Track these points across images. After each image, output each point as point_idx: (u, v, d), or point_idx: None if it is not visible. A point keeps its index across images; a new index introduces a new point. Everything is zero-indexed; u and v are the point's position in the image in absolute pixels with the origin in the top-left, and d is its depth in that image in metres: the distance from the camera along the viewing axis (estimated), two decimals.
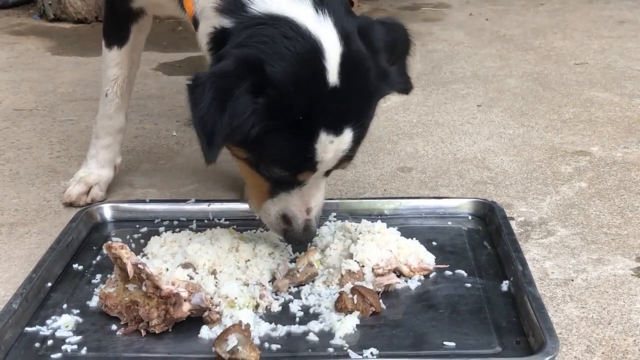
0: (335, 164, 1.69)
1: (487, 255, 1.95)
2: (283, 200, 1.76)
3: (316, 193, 1.77)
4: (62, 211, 2.32)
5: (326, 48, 1.55)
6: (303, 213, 1.77)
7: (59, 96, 3.43)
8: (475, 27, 4.65)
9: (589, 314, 1.76)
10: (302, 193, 1.74)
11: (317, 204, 1.79)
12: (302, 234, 1.79)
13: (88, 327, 1.68)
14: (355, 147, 1.69)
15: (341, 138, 1.61)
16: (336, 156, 1.65)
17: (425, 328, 1.65)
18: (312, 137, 1.59)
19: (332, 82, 1.56)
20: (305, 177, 1.70)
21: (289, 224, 1.79)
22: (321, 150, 1.61)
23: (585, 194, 2.39)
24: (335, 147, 1.63)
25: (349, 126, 1.61)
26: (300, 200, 1.76)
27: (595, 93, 3.36)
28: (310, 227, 1.79)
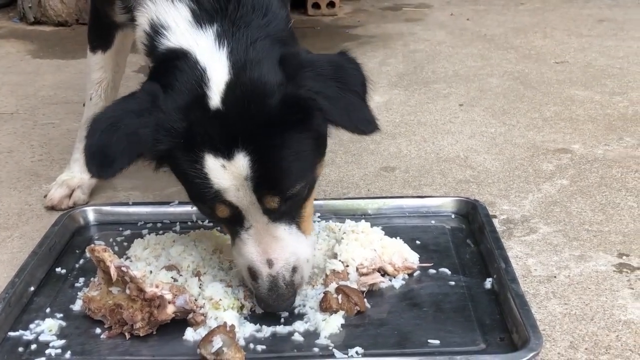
0: (255, 197, 1.59)
1: (471, 253, 1.96)
2: (240, 247, 1.68)
3: (272, 242, 1.65)
4: (44, 215, 2.31)
5: (211, 77, 1.57)
6: (263, 265, 1.65)
7: (40, 99, 3.41)
8: (456, 27, 4.67)
9: (572, 310, 1.77)
10: (254, 240, 1.65)
11: (282, 258, 1.65)
12: (267, 294, 1.65)
13: (72, 330, 1.67)
14: (270, 177, 1.58)
15: (234, 163, 1.55)
16: (242, 185, 1.57)
17: (409, 326, 1.66)
18: (198, 161, 1.56)
19: (213, 107, 1.56)
20: (223, 212, 1.62)
21: (254, 280, 1.67)
22: (214, 175, 1.56)
23: (567, 191, 2.40)
24: (232, 173, 1.55)
25: (241, 150, 1.55)
26: (255, 248, 1.65)
27: (576, 91, 3.39)
28: (277, 288, 1.65)
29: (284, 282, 1.65)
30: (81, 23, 4.79)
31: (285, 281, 1.65)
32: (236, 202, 1.60)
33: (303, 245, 1.70)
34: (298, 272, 1.68)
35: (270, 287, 1.65)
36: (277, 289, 1.65)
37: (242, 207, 1.61)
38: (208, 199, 1.61)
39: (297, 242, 1.68)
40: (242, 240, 1.66)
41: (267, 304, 1.67)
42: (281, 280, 1.65)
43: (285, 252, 1.66)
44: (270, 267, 1.65)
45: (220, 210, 1.62)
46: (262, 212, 1.62)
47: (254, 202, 1.60)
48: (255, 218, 1.63)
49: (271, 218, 1.64)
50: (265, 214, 1.63)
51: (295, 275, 1.67)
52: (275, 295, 1.66)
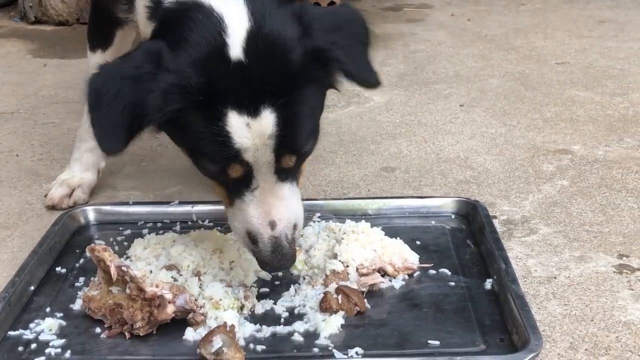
0: (273, 157, 1.55)
1: (471, 254, 1.96)
2: (240, 211, 1.64)
3: (276, 203, 1.61)
4: (44, 214, 2.30)
5: (229, 25, 1.49)
6: (266, 228, 1.62)
7: (41, 99, 3.41)
8: (457, 28, 4.67)
9: (572, 311, 1.77)
10: (258, 201, 1.61)
11: (284, 219, 1.62)
12: (270, 257, 1.62)
13: (72, 330, 1.67)
14: (291, 136, 1.54)
15: (259, 120, 1.49)
16: (265, 144, 1.52)
17: (409, 327, 1.66)
18: (221, 118, 1.49)
19: (235, 58, 1.48)
20: (236, 172, 1.56)
21: (255, 244, 1.64)
22: (238, 134, 1.50)
23: (567, 192, 2.40)
24: (256, 132, 1.50)
25: (267, 106, 1.49)
26: (257, 211, 1.61)
27: (577, 92, 3.39)
28: (281, 248, 1.62)
29: (287, 241, 1.62)
30: (82, 22, 4.79)
31: (287, 240, 1.63)
32: (252, 162, 1.55)
33: (300, 201, 1.69)
34: (297, 228, 1.66)
35: (273, 248, 1.62)
36: (281, 249, 1.62)
37: (255, 167, 1.56)
38: (223, 159, 1.54)
39: (296, 200, 1.67)
40: (244, 202, 1.61)
41: (272, 265, 1.64)
42: (284, 240, 1.62)
43: (288, 212, 1.63)
44: (273, 229, 1.62)
45: (234, 171, 1.56)
46: (274, 172, 1.58)
47: (270, 162, 1.55)
48: (265, 178, 1.58)
49: (280, 177, 1.60)
50: (275, 174, 1.59)
51: (295, 232, 1.65)
52: (279, 256, 1.62)
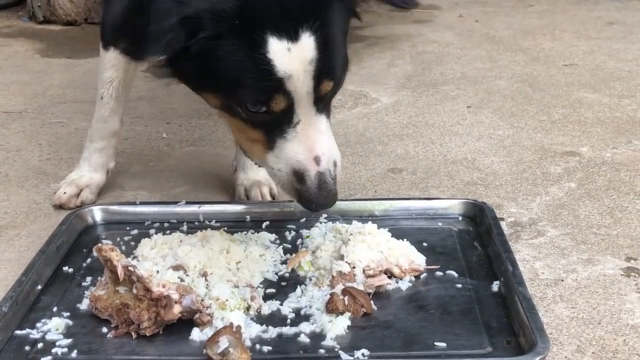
0: (313, 84, 1.51)
1: (478, 256, 1.95)
2: (283, 150, 1.59)
3: (319, 137, 1.58)
4: (52, 214, 2.31)
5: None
6: (311, 163, 1.59)
7: (49, 98, 3.42)
8: (464, 29, 4.66)
9: (579, 314, 1.77)
10: (300, 136, 1.58)
11: (327, 153, 1.60)
12: (317, 193, 1.60)
13: (78, 329, 1.67)
14: (330, 60, 1.50)
15: (300, 44, 1.45)
16: (306, 71, 1.48)
17: (416, 329, 1.65)
18: (261, 44, 1.43)
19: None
20: (279, 104, 1.52)
21: (301, 182, 1.61)
22: (280, 61, 1.45)
23: (575, 194, 2.40)
24: (298, 57, 1.46)
25: (305, 29, 1.45)
26: (300, 146, 1.59)
27: (584, 94, 3.38)
28: (326, 184, 1.59)
29: (332, 178, 1.61)
30: (90, 22, 4.81)
31: (332, 176, 1.62)
32: (294, 92, 1.50)
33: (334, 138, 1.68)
34: (337, 165, 1.64)
35: (320, 185, 1.60)
36: (327, 186, 1.60)
37: (297, 98, 1.52)
38: (265, 90, 1.49)
39: (332, 137, 1.66)
40: (287, 140, 1.58)
41: (319, 203, 1.62)
42: (329, 176, 1.61)
43: (330, 146, 1.63)
44: (318, 164, 1.59)
45: (277, 103, 1.52)
46: (313, 103, 1.55)
47: (309, 92, 1.52)
48: (305, 110, 1.55)
49: (318, 109, 1.58)
50: (314, 105, 1.56)
51: (336, 169, 1.64)
52: (325, 193, 1.61)
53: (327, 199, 1.62)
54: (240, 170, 2.35)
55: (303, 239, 2.01)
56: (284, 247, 1.99)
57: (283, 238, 2.04)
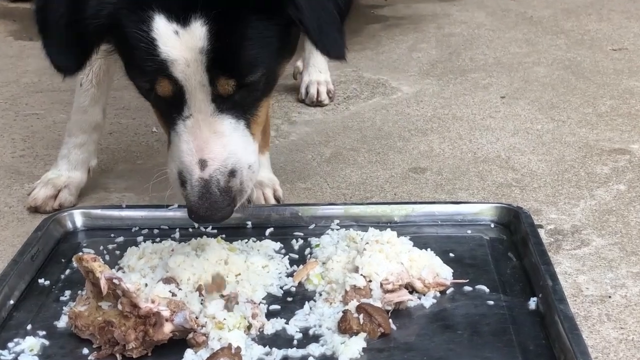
0: (207, 77, 1.58)
1: (512, 269, 1.95)
2: (174, 145, 1.66)
3: (210, 138, 1.62)
4: (26, 218, 2.32)
5: None
6: (194, 166, 1.63)
7: (23, 87, 3.44)
8: (498, 8, 4.65)
9: (629, 336, 1.76)
10: (190, 134, 1.63)
11: (218, 159, 1.63)
12: (197, 203, 1.62)
13: (56, 350, 1.68)
14: (228, 54, 1.57)
15: (190, 30, 1.54)
16: (197, 60, 1.55)
17: (441, 351, 1.65)
18: (148, 22, 1.54)
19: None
20: (163, 88, 1.60)
21: (184, 187, 1.65)
22: (164, 42, 1.54)
23: (625, 198, 2.39)
24: (187, 43, 1.54)
25: (200, 17, 1.54)
26: (187, 145, 1.63)
27: (636, 83, 3.37)
28: (209, 195, 1.62)
29: (218, 188, 1.63)
30: None
31: (219, 187, 1.63)
32: (182, 80, 1.58)
33: (248, 147, 1.69)
34: (236, 176, 1.66)
35: (201, 193, 1.62)
36: (210, 196, 1.62)
37: (187, 88, 1.60)
38: (150, 71, 1.59)
39: (241, 142, 1.67)
40: (177, 134, 1.65)
41: (198, 214, 1.64)
42: (214, 186, 1.63)
43: (224, 151, 1.64)
44: (203, 170, 1.62)
45: (162, 87, 1.60)
46: (210, 100, 1.61)
47: (204, 84, 1.59)
48: (199, 106, 1.61)
49: (218, 108, 1.63)
50: (213, 102, 1.62)
51: (232, 180, 1.65)
52: (207, 204, 1.62)
53: (209, 212, 1.64)
54: None
55: (312, 248, 2.02)
56: (290, 257, 1.99)
57: (289, 247, 2.04)
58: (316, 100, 3.20)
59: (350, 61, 3.70)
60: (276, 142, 2.83)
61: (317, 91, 3.21)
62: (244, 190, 1.71)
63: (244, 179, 1.70)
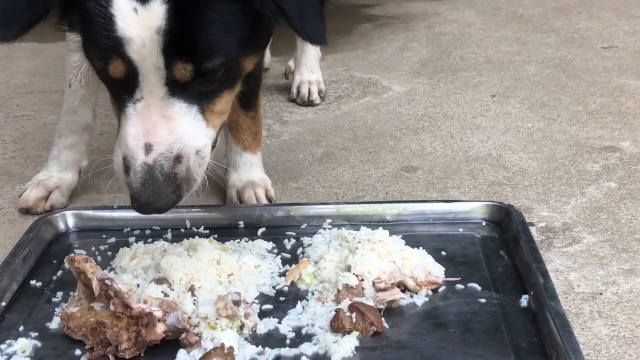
0: (160, 61, 1.53)
1: (504, 267, 1.96)
2: (122, 129, 1.61)
3: (159, 122, 1.57)
4: (17, 220, 2.32)
5: None
6: (139, 150, 1.57)
7: (13, 88, 3.43)
8: (488, 6, 4.66)
9: (620, 332, 1.77)
10: (138, 117, 1.58)
11: (164, 144, 1.58)
12: (140, 190, 1.57)
13: (48, 352, 1.67)
14: (186, 37, 1.53)
15: (149, 8, 1.50)
16: (153, 40, 1.51)
17: (434, 349, 1.65)
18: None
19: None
20: (116, 68, 1.55)
21: (127, 173, 1.60)
22: (121, 19, 1.50)
23: (615, 195, 2.40)
24: (144, 22, 1.50)
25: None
26: (134, 129, 1.58)
27: (626, 80, 3.38)
28: (153, 181, 1.57)
29: (162, 174, 1.58)
30: None
31: (162, 172, 1.58)
32: (136, 61, 1.54)
33: (198, 132, 1.64)
34: (182, 162, 1.62)
35: (143, 179, 1.57)
36: (153, 182, 1.57)
37: (141, 70, 1.55)
38: (104, 49, 1.54)
39: (190, 127, 1.62)
40: (126, 117, 1.60)
41: (140, 202, 1.58)
42: (158, 172, 1.58)
43: (170, 136, 1.59)
44: (147, 154, 1.58)
45: (115, 67, 1.56)
46: (164, 83, 1.57)
47: (158, 67, 1.55)
48: (151, 89, 1.57)
49: (171, 92, 1.58)
50: (165, 86, 1.57)
51: (178, 166, 1.61)
52: (149, 191, 1.57)
53: (150, 197, 1.58)
54: (232, 169, 2.36)
55: (304, 248, 2.02)
56: (282, 256, 1.99)
57: (281, 246, 2.04)
58: (307, 100, 3.20)
59: (342, 60, 3.71)
60: (268, 142, 2.83)
61: (308, 91, 3.22)
62: (191, 178, 1.65)
63: (191, 165, 1.64)
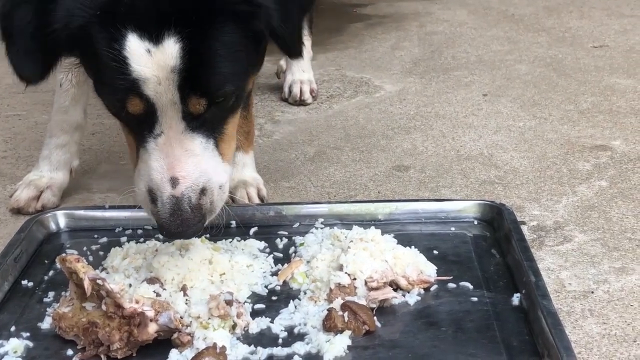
0: (176, 96, 1.59)
1: (496, 265, 1.96)
2: (143, 163, 1.67)
3: (182, 156, 1.64)
4: (8, 220, 2.31)
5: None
6: (165, 184, 1.64)
7: (4, 88, 3.42)
8: (480, 6, 4.67)
9: (612, 331, 1.77)
10: (161, 152, 1.64)
11: (190, 177, 1.65)
12: (169, 220, 1.64)
13: (40, 352, 1.67)
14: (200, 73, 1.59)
15: (162, 49, 1.54)
16: (167, 78, 1.56)
17: (426, 348, 1.66)
18: (120, 40, 1.54)
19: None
20: (135, 106, 1.60)
21: (154, 204, 1.67)
22: (136, 61, 1.54)
23: (606, 194, 2.40)
24: (158, 62, 1.55)
25: (173, 34, 1.54)
26: (158, 163, 1.64)
27: (617, 79, 3.38)
28: (181, 212, 1.64)
29: (190, 205, 1.65)
30: None
31: (191, 204, 1.65)
32: (153, 98, 1.59)
33: (218, 167, 1.71)
34: (207, 195, 1.68)
35: (172, 210, 1.64)
36: (181, 213, 1.64)
37: (158, 106, 1.60)
38: (121, 89, 1.58)
39: (211, 162, 1.69)
40: (147, 152, 1.65)
41: (170, 231, 1.66)
42: (186, 203, 1.64)
43: (196, 170, 1.66)
44: (174, 187, 1.64)
45: (133, 105, 1.60)
46: (181, 117, 1.62)
47: (175, 102, 1.59)
48: (170, 123, 1.62)
49: (189, 126, 1.64)
50: (183, 120, 1.63)
51: (203, 198, 1.67)
52: (179, 221, 1.64)
53: (181, 227, 1.65)
54: None
55: (296, 247, 2.02)
56: (274, 256, 1.99)
57: (273, 246, 2.04)
58: (299, 100, 3.20)
59: (333, 60, 3.71)
60: (260, 142, 2.83)
61: (300, 90, 3.22)
62: (214, 211, 1.73)
63: (215, 199, 1.71)
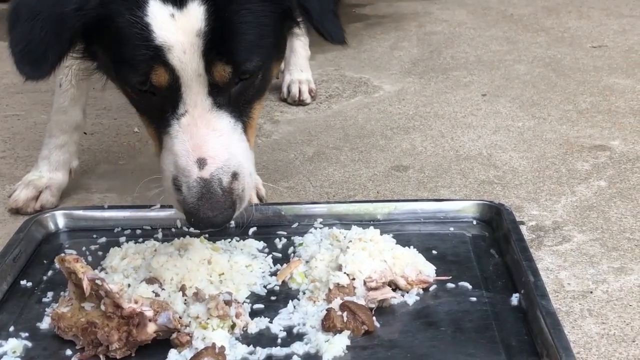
0: (204, 64, 1.51)
1: (495, 265, 1.96)
2: (168, 149, 1.57)
3: (209, 135, 1.54)
4: (7, 220, 2.31)
5: None
6: (191, 166, 1.53)
7: (3, 88, 3.42)
8: (479, 6, 4.67)
9: (611, 331, 1.77)
10: (185, 133, 1.54)
11: (218, 158, 1.53)
12: (197, 205, 1.51)
13: (39, 352, 1.67)
14: (225, 38, 1.51)
15: (187, 12, 1.48)
16: (193, 44, 1.49)
17: (425, 348, 1.66)
18: (141, 7, 1.47)
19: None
20: (160, 77, 1.52)
21: (179, 190, 1.56)
22: (159, 27, 1.47)
23: (605, 194, 2.40)
24: (183, 27, 1.48)
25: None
26: (182, 145, 1.54)
27: (616, 80, 3.39)
28: (211, 195, 1.51)
29: (221, 188, 1.53)
30: None
31: (221, 186, 1.54)
32: (178, 69, 1.51)
33: (248, 153, 1.62)
34: (239, 180, 1.57)
35: (200, 194, 1.52)
36: (211, 196, 1.51)
37: (183, 80, 1.52)
38: (144, 60, 1.50)
39: (241, 145, 1.60)
40: (170, 136, 1.56)
41: (198, 217, 1.52)
42: (216, 185, 1.53)
43: (226, 151, 1.56)
44: (202, 169, 1.53)
45: (157, 75, 1.51)
46: (207, 92, 1.54)
47: (200, 74, 1.52)
48: (196, 100, 1.54)
49: (216, 102, 1.56)
50: (209, 96, 1.55)
51: (235, 182, 1.56)
52: (207, 205, 1.51)
53: (209, 212, 1.52)
54: None
55: (295, 247, 2.02)
56: (273, 256, 1.99)
57: (272, 246, 2.04)
58: (298, 99, 3.20)
59: (332, 60, 3.72)
60: (259, 142, 2.83)
61: (299, 90, 3.22)
62: (244, 200, 1.61)
63: (246, 186, 1.60)
